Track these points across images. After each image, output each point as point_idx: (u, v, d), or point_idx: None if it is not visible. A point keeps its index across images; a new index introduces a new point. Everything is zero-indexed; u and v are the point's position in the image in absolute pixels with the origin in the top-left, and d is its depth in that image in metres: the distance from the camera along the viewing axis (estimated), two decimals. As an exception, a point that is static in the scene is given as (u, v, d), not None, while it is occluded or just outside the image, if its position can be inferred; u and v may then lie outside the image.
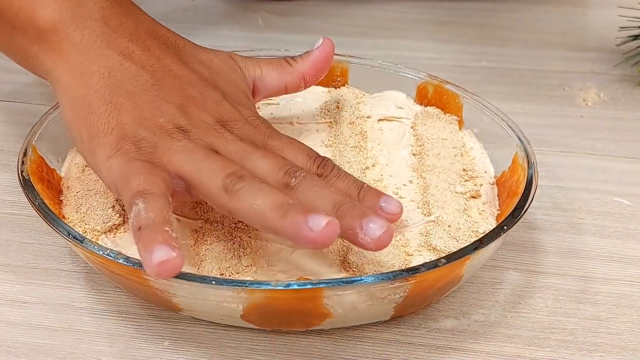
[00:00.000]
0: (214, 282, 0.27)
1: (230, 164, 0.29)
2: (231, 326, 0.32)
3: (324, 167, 0.31)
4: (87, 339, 0.31)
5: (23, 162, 0.33)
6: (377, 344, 0.32)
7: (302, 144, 0.33)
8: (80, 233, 0.30)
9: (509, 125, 0.38)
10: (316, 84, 0.43)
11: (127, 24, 0.33)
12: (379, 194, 0.31)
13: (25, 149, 0.34)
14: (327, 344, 0.32)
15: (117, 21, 0.32)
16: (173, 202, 0.29)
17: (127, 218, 0.33)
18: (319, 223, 0.26)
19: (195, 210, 0.33)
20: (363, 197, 0.30)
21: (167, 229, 0.26)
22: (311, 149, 0.32)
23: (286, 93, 0.38)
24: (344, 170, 0.32)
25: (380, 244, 0.27)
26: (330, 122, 0.40)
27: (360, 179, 0.36)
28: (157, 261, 0.25)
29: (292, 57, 0.37)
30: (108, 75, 0.31)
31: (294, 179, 0.29)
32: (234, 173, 0.28)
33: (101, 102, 0.30)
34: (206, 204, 0.33)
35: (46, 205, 0.31)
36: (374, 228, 0.27)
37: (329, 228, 0.26)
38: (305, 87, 0.38)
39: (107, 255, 0.28)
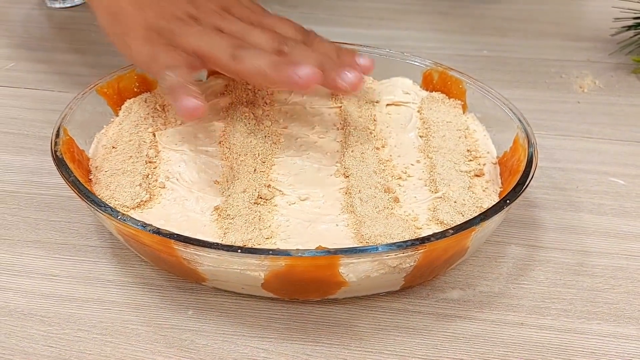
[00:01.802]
0: (239, 251, 0.29)
1: (234, 38, 0.37)
2: (251, 296, 0.34)
3: (309, 36, 0.39)
4: (115, 309, 0.33)
5: (56, 142, 0.35)
6: (388, 313, 0.34)
7: (290, 20, 0.40)
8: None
9: (510, 109, 0.40)
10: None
11: None
12: (354, 53, 0.39)
13: (58, 130, 0.36)
14: (341, 313, 0.34)
15: None
16: (193, 74, 0.36)
17: (154, 195, 0.35)
18: (305, 71, 0.34)
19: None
20: (341, 56, 0.38)
21: (192, 87, 0.34)
22: (297, 23, 0.40)
23: None
24: (326, 39, 0.39)
25: (355, 87, 0.36)
26: (341, 106, 0.42)
27: (372, 158, 0.38)
28: (187, 106, 0.33)
29: None
30: None
31: (286, 47, 0.37)
32: (238, 44, 0.36)
33: (127, 4, 0.38)
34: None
35: (80, 181, 0.33)
36: (349, 75, 0.35)
37: (313, 74, 0.34)
38: None
39: (140, 227, 0.30)
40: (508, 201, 0.33)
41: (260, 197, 0.35)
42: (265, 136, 0.39)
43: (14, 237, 0.37)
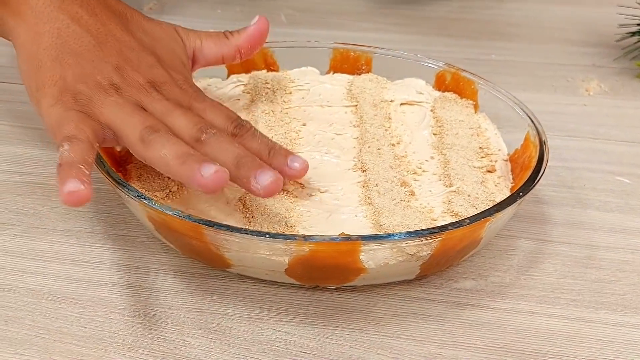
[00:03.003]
0: (267, 236, 0.31)
1: (150, 118, 0.34)
2: (273, 282, 0.35)
3: (240, 128, 0.35)
4: (143, 293, 0.35)
5: (90, 134, 0.36)
6: (404, 300, 0.35)
7: (226, 107, 0.36)
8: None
9: (521, 108, 0.41)
10: (342, 72, 0.47)
11: None
12: (287, 153, 0.35)
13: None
14: (358, 300, 0.35)
15: None
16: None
17: (181, 186, 0.37)
18: (209, 170, 0.31)
19: None
20: (273, 156, 0.35)
21: (81, 167, 0.30)
22: (233, 112, 0.36)
23: (223, 63, 0.42)
24: (261, 133, 0.36)
25: (269, 192, 0.32)
26: (357, 105, 0.44)
27: (388, 153, 0.40)
28: (67, 191, 0.29)
29: (230, 32, 0.41)
30: (57, 35, 0.36)
31: (204, 135, 0.33)
32: (151, 126, 0.33)
33: (49, 59, 0.35)
34: None
35: (114, 171, 0.34)
36: (264, 178, 0.32)
37: (217, 175, 0.31)
38: (241, 59, 0.41)
39: (173, 213, 0.32)
40: (521, 194, 0.34)
41: (282, 189, 0.37)
42: (285, 132, 0.41)
43: (45, 226, 0.39)
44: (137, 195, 0.33)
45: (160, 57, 0.38)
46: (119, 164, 0.38)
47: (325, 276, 0.34)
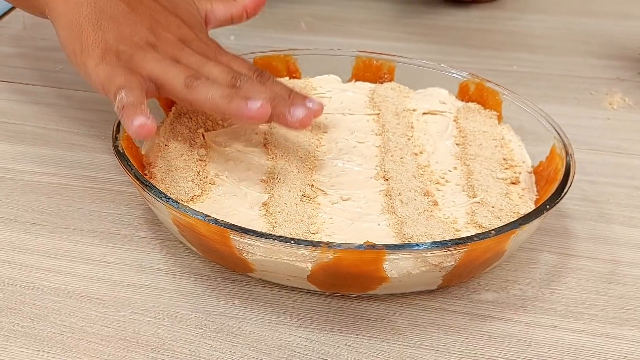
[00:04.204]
0: (292, 242, 0.31)
1: (189, 69, 0.38)
2: (294, 289, 0.35)
3: (262, 76, 0.40)
4: (165, 295, 0.35)
5: (117, 138, 0.37)
6: (425, 311, 0.35)
7: (244, 59, 0.42)
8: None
9: (547, 121, 0.41)
10: (364, 80, 0.48)
11: None
12: (304, 96, 0.39)
13: (118, 128, 0.38)
14: (379, 309, 0.35)
15: None
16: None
17: (205, 190, 0.37)
18: (256, 104, 0.35)
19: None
20: (293, 98, 0.39)
21: (143, 106, 0.35)
22: (252, 64, 0.41)
23: (232, 23, 0.46)
24: (278, 80, 0.40)
25: (303, 123, 0.37)
26: (379, 113, 0.44)
27: (411, 163, 0.39)
28: (137, 124, 0.34)
29: None
30: (94, 4, 0.40)
31: (239, 81, 0.38)
32: (193, 75, 0.37)
33: (90, 24, 0.39)
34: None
35: (141, 174, 0.35)
36: (298, 112, 0.36)
37: (263, 108, 0.35)
38: (247, 18, 0.47)
39: (200, 217, 0.32)
40: (548, 206, 0.34)
41: (305, 196, 0.37)
42: (307, 140, 0.41)
43: (69, 226, 0.39)
44: (164, 198, 0.33)
45: (183, 18, 0.42)
46: (144, 167, 0.38)
47: (348, 284, 0.34)
